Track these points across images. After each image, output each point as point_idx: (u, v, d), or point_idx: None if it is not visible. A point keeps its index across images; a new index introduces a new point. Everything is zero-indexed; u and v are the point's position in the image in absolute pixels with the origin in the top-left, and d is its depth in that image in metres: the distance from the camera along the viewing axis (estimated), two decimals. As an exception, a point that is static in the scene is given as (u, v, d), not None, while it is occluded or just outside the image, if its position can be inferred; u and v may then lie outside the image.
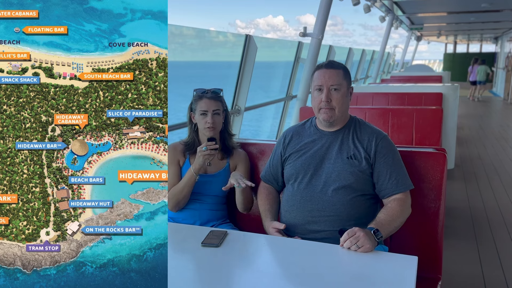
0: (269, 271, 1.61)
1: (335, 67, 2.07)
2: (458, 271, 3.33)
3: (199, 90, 2.37)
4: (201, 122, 2.32)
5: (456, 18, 13.93)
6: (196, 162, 2.23)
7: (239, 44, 4.79)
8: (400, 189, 1.98)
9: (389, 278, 1.50)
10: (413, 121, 4.14)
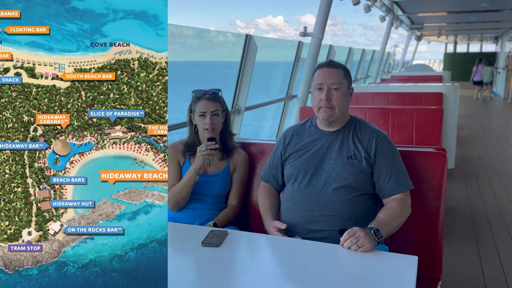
0: (269, 271, 1.62)
1: (335, 67, 2.07)
2: (458, 270, 3.33)
3: (198, 91, 2.36)
4: (200, 123, 2.32)
5: (456, 17, 13.91)
6: (196, 162, 2.23)
7: (239, 44, 4.78)
8: (400, 189, 1.98)
9: (389, 278, 1.50)
10: (413, 121, 4.14)
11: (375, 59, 13.41)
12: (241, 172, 2.41)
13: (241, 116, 4.79)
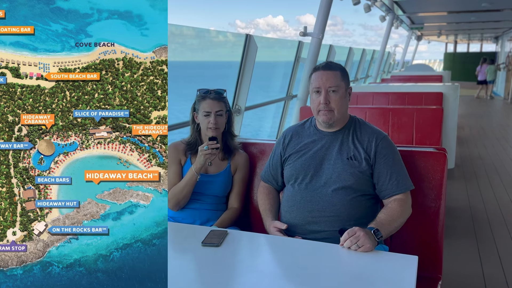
0: (270, 271, 1.62)
1: (332, 69, 2.06)
2: (459, 270, 3.33)
3: (203, 90, 2.36)
4: (204, 123, 2.32)
5: (456, 17, 13.89)
6: (197, 161, 2.23)
7: (239, 44, 4.78)
8: (401, 189, 1.98)
9: (389, 278, 1.50)
10: (413, 120, 4.13)
11: (375, 59, 13.40)
12: (242, 173, 2.41)
13: (241, 116, 4.78)
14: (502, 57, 21.32)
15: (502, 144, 8.40)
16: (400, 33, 16.71)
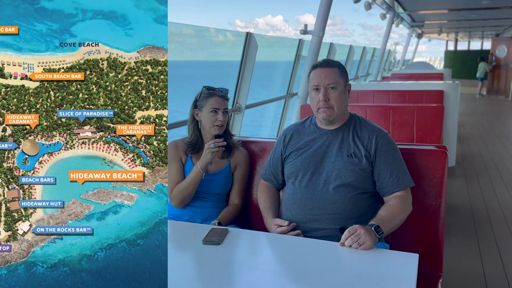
0: (270, 269, 1.61)
1: (330, 66, 2.06)
2: (459, 268, 3.31)
3: (209, 87, 2.36)
4: (210, 119, 2.31)
5: (457, 15, 13.85)
6: (203, 159, 2.23)
7: (239, 44, 4.77)
8: (401, 186, 1.97)
9: (390, 276, 1.50)
10: (414, 118, 4.12)
11: (376, 57, 13.36)
12: (242, 170, 2.41)
13: (242, 114, 4.78)
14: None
15: (502, 142, 8.37)
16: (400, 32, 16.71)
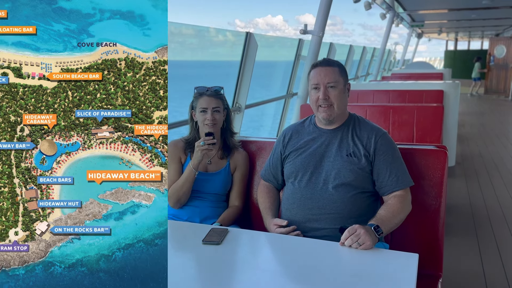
0: (270, 269, 1.62)
1: (330, 65, 2.06)
2: (459, 268, 3.32)
3: (200, 88, 2.37)
4: (201, 119, 2.33)
5: (457, 15, 13.89)
6: (194, 157, 2.23)
7: (238, 44, 4.77)
8: (400, 185, 1.98)
9: (390, 276, 1.50)
10: (414, 118, 4.13)
11: (376, 57, 13.37)
12: (241, 172, 2.41)
13: (242, 114, 4.77)
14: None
15: (502, 142, 8.39)
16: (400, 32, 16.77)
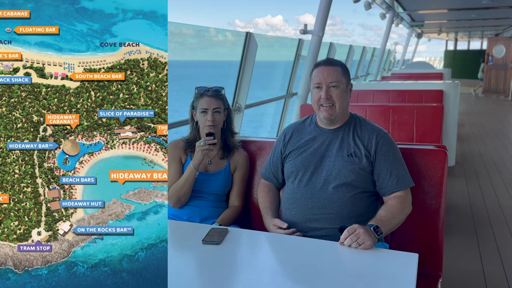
0: (270, 269, 1.62)
1: (333, 64, 2.07)
2: (459, 268, 3.33)
3: (201, 88, 2.37)
4: (202, 120, 2.33)
5: (456, 15, 13.93)
6: (195, 157, 2.23)
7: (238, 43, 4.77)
8: (401, 186, 1.98)
9: (389, 275, 1.50)
10: (413, 118, 4.13)
11: (376, 56, 13.39)
12: (241, 172, 2.41)
13: (242, 114, 4.78)
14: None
15: (502, 142, 8.42)
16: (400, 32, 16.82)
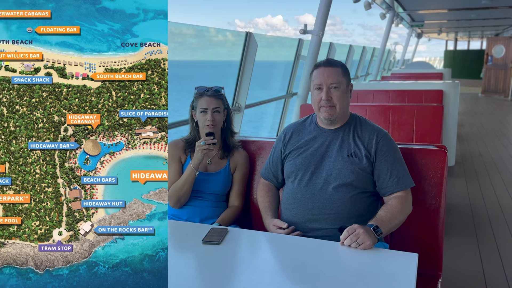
0: (270, 269, 1.62)
1: (333, 65, 2.06)
2: (459, 268, 3.33)
3: (200, 88, 2.38)
4: (201, 120, 2.33)
5: (456, 15, 13.95)
6: (195, 157, 2.23)
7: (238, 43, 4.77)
8: (401, 187, 1.98)
9: (389, 275, 1.50)
10: (413, 118, 4.14)
11: (376, 56, 13.38)
12: (241, 172, 2.41)
13: (241, 114, 4.78)
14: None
15: (502, 142, 8.43)
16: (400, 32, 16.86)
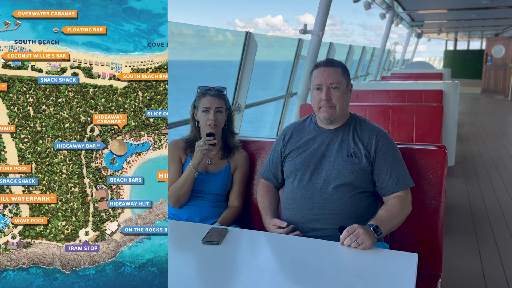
0: (270, 269, 1.62)
1: (333, 65, 2.06)
2: (458, 268, 3.34)
3: (203, 87, 2.38)
4: (203, 119, 2.33)
5: (456, 15, 13.96)
6: (194, 157, 2.23)
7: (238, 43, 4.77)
8: (401, 187, 1.99)
9: (389, 275, 1.51)
10: (413, 118, 4.15)
11: (375, 56, 13.38)
12: (241, 172, 2.41)
13: (241, 114, 4.77)
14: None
15: (502, 142, 8.46)
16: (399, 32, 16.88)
